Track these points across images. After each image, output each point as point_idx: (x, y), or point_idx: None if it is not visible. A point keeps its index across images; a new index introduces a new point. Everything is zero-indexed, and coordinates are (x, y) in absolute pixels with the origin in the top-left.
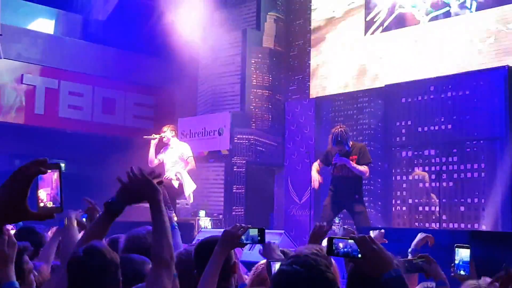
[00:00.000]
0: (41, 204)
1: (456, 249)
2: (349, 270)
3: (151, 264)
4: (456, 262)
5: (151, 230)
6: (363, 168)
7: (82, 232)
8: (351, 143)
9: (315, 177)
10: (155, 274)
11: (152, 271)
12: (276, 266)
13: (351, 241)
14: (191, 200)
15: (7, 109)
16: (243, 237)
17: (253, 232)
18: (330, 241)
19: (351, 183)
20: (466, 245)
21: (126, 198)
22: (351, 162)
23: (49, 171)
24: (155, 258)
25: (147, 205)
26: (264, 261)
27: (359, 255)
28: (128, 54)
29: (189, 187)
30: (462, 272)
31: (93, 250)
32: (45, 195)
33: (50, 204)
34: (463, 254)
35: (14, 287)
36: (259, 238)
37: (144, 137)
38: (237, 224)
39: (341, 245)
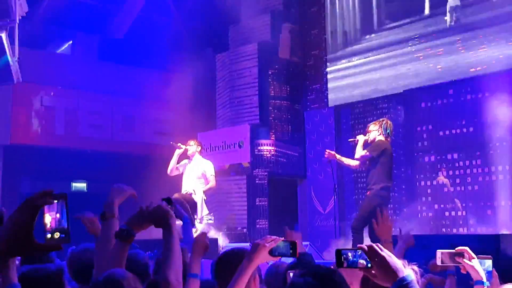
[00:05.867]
0: (48, 236)
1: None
2: (361, 279)
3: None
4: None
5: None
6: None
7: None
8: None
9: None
10: None
11: None
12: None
13: (359, 251)
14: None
15: (28, 131)
16: (273, 250)
17: (285, 245)
18: (338, 253)
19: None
20: (488, 256)
21: (137, 223)
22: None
23: (55, 201)
24: (163, 281)
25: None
26: None
27: (369, 265)
28: (145, 71)
29: (202, 210)
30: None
31: (113, 280)
32: (50, 223)
33: (57, 235)
34: (486, 264)
35: None
36: (291, 251)
37: (171, 142)
38: (268, 236)
39: (350, 255)
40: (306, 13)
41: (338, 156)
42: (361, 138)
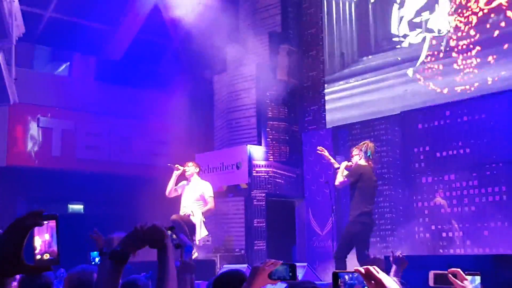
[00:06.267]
0: (38, 257)
1: (469, 277)
2: None
3: None
4: None
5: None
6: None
7: None
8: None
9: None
10: None
11: None
12: None
13: (356, 273)
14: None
15: (25, 152)
16: (272, 273)
17: (284, 268)
18: (335, 275)
19: None
20: (476, 272)
21: (131, 244)
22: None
23: (45, 222)
24: None
25: None
26: None
27: (366, 287)
28: (142, 93)
29: (201, 232)
30: None
31: None
32: (40, 244)
33: (46, 256)
34: (476, 282)
35: None
36: (290, 274)
37: (169, 164)
38: (268, 259)
39: (347, 278)
40: (304, 35)
41: (326, 153)
42: (343, 165)
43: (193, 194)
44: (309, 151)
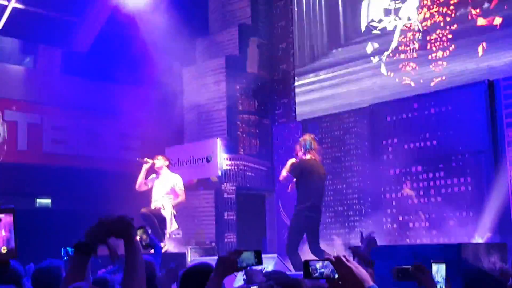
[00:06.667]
0: None
1: (433, 265)
2: None
3: None
4: (436, 279)
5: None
6: None
7: None
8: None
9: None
10: None
11: None
12: None
13: (326, 262)
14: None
15: None
16: (239, 261)
17: (249, 255)
18: (306, 264)
19: None
20: (441, 261)
21: (97, 235)
22: None
23: (2, 215)
24: None
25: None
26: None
27: (336, 275)
28: (111, 86)
29: (171, 225)
30: None
31: None
32: None
33: (4, 250)
34: (441, 270)
35: None
36: (256, 260)
37: (137, 159)
38: (232, 249)
39: (318, 266)
40: (274, 28)
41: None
42: (289, 162)
43: (163, 188)
44: (279, 144)
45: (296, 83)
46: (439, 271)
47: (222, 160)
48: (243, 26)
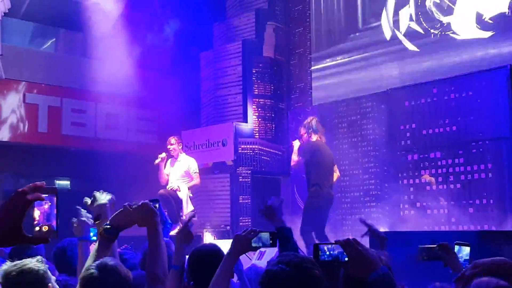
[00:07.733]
0: (37, 228)
1: (456, 246)
2: (341, 274)
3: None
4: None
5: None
6: None
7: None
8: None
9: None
10: None
11: (148, 287)
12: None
13: (336, 245)
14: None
15: (11, 128)
16: (255, 241)
17: (264, 235)
18: (316, 247)
19: None
20: (466, 243)
21: (121, 222)
22: None
23: (46, 195)
24: (150, 275)
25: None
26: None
27: (346, 258)
28: (129, 70)
29: (188, 207)
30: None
31: (108, 268)
32: (38, 215)
33: (45, 229)
34: (464, 252)
35: None
36: (271, 241)
37: (155, 163)
38: (249, 228)
39: (326, 249)
40: (291, 12)
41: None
42: (295, 145)
43: (179, 171)
44: (295, 129)
45: (312, 68)
46: (462, 252)
47: (238, 144)
48: (260, 10)
